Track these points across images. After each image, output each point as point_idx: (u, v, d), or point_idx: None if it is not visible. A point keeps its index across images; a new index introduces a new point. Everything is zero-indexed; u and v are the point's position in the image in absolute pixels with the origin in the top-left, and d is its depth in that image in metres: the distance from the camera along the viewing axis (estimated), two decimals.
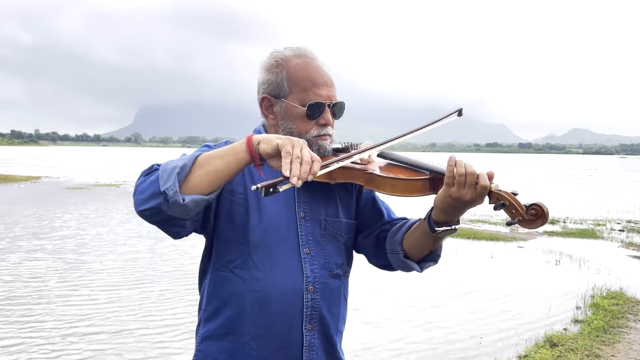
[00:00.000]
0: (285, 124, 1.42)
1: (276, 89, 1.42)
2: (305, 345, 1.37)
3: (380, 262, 1.53)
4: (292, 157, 1.10)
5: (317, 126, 1.40)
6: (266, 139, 1.16)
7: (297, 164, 1.09)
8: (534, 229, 1.24)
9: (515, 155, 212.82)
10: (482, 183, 1.22)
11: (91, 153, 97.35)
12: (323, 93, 1.40)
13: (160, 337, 4.86)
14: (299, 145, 1.12)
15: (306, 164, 1.10)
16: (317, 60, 1.45)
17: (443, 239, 1.39)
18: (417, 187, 1.31)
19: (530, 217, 1.20)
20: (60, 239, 9.62)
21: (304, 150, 1.12)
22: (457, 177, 1.23)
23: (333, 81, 1.45)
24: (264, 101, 1.45)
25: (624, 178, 36.96)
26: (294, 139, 1.14)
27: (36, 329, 4.95)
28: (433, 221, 1.32)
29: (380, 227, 1.52)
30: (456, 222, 1.32)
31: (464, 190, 1.23)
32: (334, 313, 1.44)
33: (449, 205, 1.26)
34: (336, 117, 1.46)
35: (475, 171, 1.23)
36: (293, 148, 1.11)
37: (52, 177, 26.92)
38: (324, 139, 1.41)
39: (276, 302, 1.35)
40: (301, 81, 1.40)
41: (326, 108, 1.41)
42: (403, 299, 6.27)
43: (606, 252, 9.48)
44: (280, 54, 1.44)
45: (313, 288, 1.38)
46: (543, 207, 1.19)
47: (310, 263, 1.39)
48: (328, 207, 1.46)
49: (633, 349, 4.67)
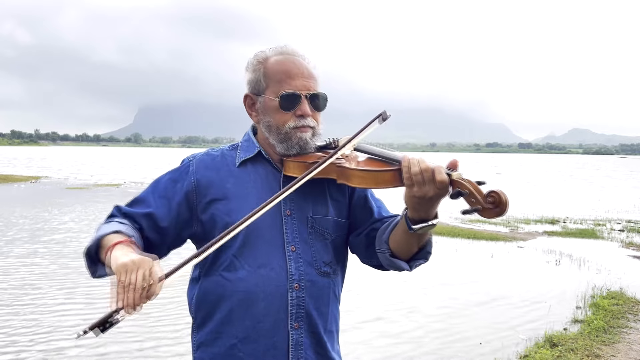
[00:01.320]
0: (264, 119, 1.43)
1: (256, 86, 1.44)
2: (292, 344, 1.36)
3: (372, 262, 1.49)
4: (124, 285, 1.08)
5: (295, 117, 1.39)
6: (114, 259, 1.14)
7: (130, 293, 1.08)
8: (491, 219, 1.18)
9: (515, 155, 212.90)
10: (438, 177, 1.20)
11: (91, 153, 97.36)
12: (298, 84, 1.39)
13: (162, 344, 4.85)
14: (134, 270, 1.09)
15: (138, 290, 1.08)
16: (297, 56, 1.44)
17: (427, 236, 1.36)
18: (386, 178, 1.29)
19: (488, 204, 1.15)
20: (61, 239, 9.62)
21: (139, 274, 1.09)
22: (413, 177, 1.21)
23: (313, 74, 1.43)
24: (246, 99, 1.48)
25: (628, 178, 36.96)
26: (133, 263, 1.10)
27: (33, 333, 4.95)
28: (409, 219, 1.29)
29: (370, 226, 1.48)
30: (434, 217, 1.28)
31: (425, 187, 1.21)
32: (323, 312, 1.42)
33: (417, 203, 1.24)
34: (318, 109, 1.44)
35: (429, 166, 1.21)
36: (126, 274, 1.09)
37: (52, 177, 26.93)
38: (303, 131, 1.40)
39: (261, 301, 1.35)
40: (276, 74, 1.40)
41: (302, 99, 1.39)
42: (403, 299, 6.26)
43: (606, 252, 9.48)
44: (262, 54, 1.46)
45: (298, 286, 1.37)
46: (501, 194, 1.13)
47: (296, 261, 1.38)
48: (317, 205, 1.44)
49: (633, 349, 4.67)
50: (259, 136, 1.49)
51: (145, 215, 1.39)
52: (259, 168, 1.45)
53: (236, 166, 1.45)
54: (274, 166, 1.45)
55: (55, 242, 9.30)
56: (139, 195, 1.45)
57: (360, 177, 1.31)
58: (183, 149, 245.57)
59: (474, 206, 1.16)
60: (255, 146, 1.47)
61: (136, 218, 1.39)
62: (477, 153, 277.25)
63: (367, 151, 1.42)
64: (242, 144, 1.50)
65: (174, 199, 1.42)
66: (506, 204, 1.13)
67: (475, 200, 1.16)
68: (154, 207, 1.40)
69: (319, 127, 1.45)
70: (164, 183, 1.45)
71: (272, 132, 1.42)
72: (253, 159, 1.46)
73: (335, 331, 1.49)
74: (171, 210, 1.41)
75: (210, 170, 1.44)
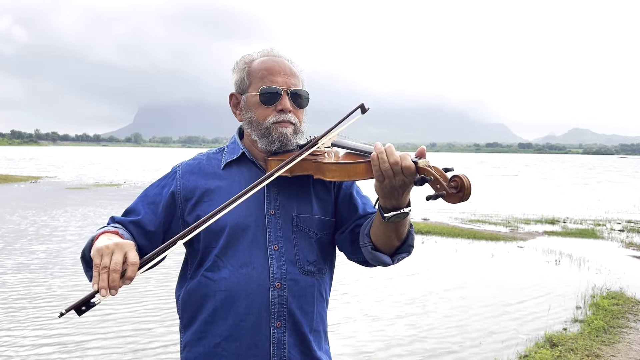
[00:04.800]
0: (246, 115, 1.47)
1: (240, 86, 1.49)
2: (274, 343, 1.37)
3: (357, 258, 1.49)
4: (99, 269, 1.11)
5: (276, 112, 1.42)
6: (94, 247, 1.17)
7: (104, 275, 1.10)
8: (455, 203, 1.16)
9: (515, 155, 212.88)
10: (405, 165, 1.20)
11: (91, 153, 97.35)
12: (279, 80, 1.43)
13: (163, 349, 4.86)
14: (108, 254, 1.12)
15: (112, 272, 1.10)
16: (281, 57, 1.48)
17: (406, 227, 1.36)
18: (358, 170, 1.30)
19: (452, 189, 1.14)
20: (60, 239, 9.63)
21: (114, 257, 1.12)
22: (384, 172, 1.22)
23: (295, 72, 1.47)
24: (232, 99, 1.52)
25: (631, 178, 36.97)
26: (107, 248, 1.14)
27: (29, 336, 4.95)
28: (382, 208, 1.30)
29: (355, 222, 1.49)
30: (406, 205, 1.28)
31: (394, 179, 1.22)
32: (307, 311, 1.42)
33: (388, 192, 1.25)
34: (300, 107, 1.47)
35: (397, 160, 1.21)
36: (101, 258, 1.12)
37: (52, 177, 26.93)
38: (283, 126, 1.43)
39: (243, 300, 1.36)
40: (258, 72, 1.45)
41: (283, 94, 1.42)
42: (403, 300, 6.26)
43: (606, 252, 9.48)
44: (248, 56, 1.51)
45: (280, 285, 1.38)
46: (464, 178, 1.13)
47: (278, 259, 1.39)
48: (301, 204, 1.46)
49: (633, 349, 4.67)
50: (245, 138, 1.54)
51: (133, 222, 1.43)
52: (244, 169, 1.48)
53: (221, 168, 1.49)
54: (258, 166, 1.48)
55: (54, 243, 9.30)
56: (130, 205, 1.50)
57: (333, 171, 1.33)
58: (183, 149, 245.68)
59: (438, 192, 1.16)
60: (239, 148, 1.51)
61: (127, 226, 1.43)
62: (477, 153, 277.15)
63: (344, 146, 1.45)
64: (228, 147, 1.55)
65: (160, 204, 1.46)
66: (469, 188, 1.13)
67: (440, 185, 1.16)
68: (142, 214, 1.45)
69: (302, 125, 1.47)
70: (152, 190, 1.51)
71: (254, 127, 1.45)
72: (238, 160, 1.50)
73: (322, 331, 1.49)
74: (158, 215, 1.45)
75: (196, 175, 1.49)
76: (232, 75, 1.52)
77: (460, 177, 1.13)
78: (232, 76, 1.52)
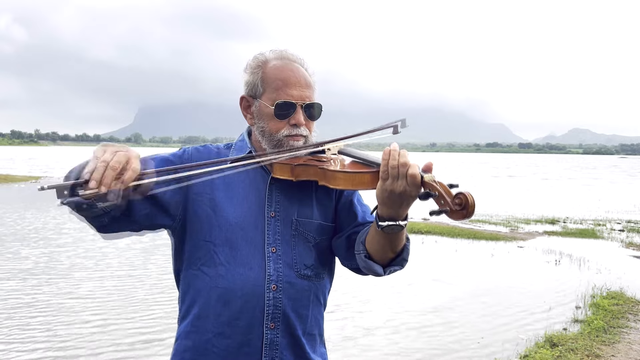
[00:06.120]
0: (258, 123, 1.45)
1: (253, 89, 1.46)
2: (266, 343, 1.37)
3: (351, 265, 1.49)
4: (98, 161, 1.06)
5: (289, 126, 1.41)
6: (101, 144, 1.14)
7: (101, 168, 1.04)
8: (459, 220, 1.20)
9: (515, 155, 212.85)
10: (411, 173, 1.20)
11: (91, 153, 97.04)
12: (294, 93, 1.41)
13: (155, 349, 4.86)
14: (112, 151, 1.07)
15: (109, 169, 1.05)
16: (296, 63, 1.46)
17: (401, 241, 1.36)
18: (364, 179, 1.30)
19: (456, 206, 1.15)
20: (60, 239, 9.63)
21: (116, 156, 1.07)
22: (390, 169, 1.22)
23: (310, 83, 1.45)
24: (242, 101, 1.50)
25: (631, 178, 36.96)
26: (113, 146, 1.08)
27: (27, 340, 4.95)
28: (379, 216, 1.30)
29: (352, 229, 1.49)
30: (403, 219, 1.28)
31: (397, 182, 1.22)
32: (302, 314, 1.42)
33: (387, 198, 1.25)
34: (312, 119, 1.46)
35: (408, 162, 1.21)
36: (104, 152, 1.07)
37: (52, 177, 26.92)
38: (295, 139, 1.42)
39: (238, 299, 1.36)
40: (273, 81, 1.42)
41: (297, 108, 1.41)
42: (402, 300, 6.27)
43: (606, 252, 9.48)
44: (262, 56, 1.47)
45: (276, 287, 1.38)
46: (469, 196, 1.13)
47: (275, 262, 1.39)
48: (302, 208, 1.45)
49: (633, 349, 4.67)
50: (253, 138, 1.52)
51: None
52: (249, 169, 1.47)
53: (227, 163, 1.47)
54: (264, 168, 1.47)
55: (59, 238, 9.30)
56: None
57: (338, 179, 1.33)
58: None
59: (442, 207, 1.17)
60: (247, 146, 1.50)
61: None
62: (477, 153, 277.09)
63: (351, 154, 1.44)
64: (236, 144, 1.53)
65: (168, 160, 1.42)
66: (473, 206, 1.14)
67: (444, 202, 1.17)
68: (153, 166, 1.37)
69: (311, 136, 1.47)
70: (159, 158, 1.43)
71: (266, 137, 1.44)
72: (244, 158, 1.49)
73: (317, 335, 1.49)
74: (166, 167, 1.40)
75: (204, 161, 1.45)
76: (243, 74, 1.49)
77: (464, 195, 1.14)
78: (243, 76, 1.49)
